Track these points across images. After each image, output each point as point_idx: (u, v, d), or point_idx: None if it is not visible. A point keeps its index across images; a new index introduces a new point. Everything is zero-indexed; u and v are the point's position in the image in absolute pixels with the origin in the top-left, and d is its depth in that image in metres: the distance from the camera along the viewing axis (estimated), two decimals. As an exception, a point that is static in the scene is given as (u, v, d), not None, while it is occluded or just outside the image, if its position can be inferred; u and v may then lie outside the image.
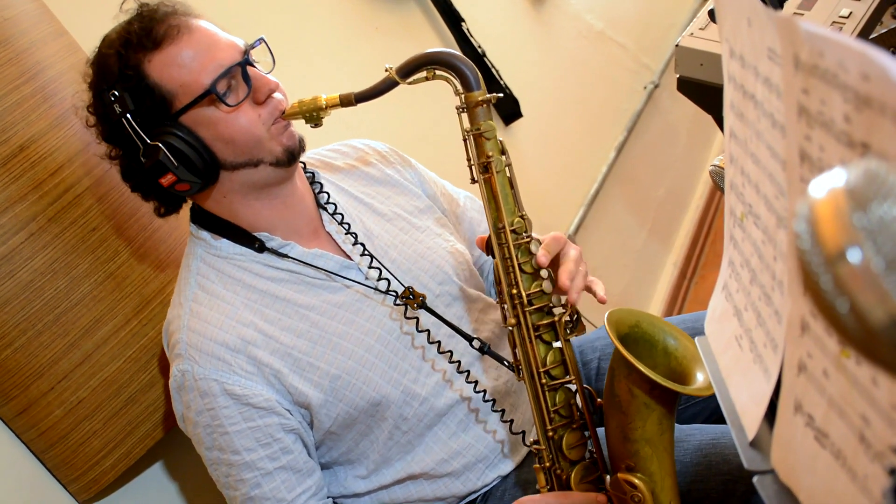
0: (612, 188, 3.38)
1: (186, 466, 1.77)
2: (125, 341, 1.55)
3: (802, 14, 1.77)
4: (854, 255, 0.45)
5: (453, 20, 2.63)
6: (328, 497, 1.51)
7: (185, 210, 1.54)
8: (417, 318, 1.51)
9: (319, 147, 1.70)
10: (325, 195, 1.57)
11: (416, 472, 1.53)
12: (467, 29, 2.63)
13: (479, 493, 1.58)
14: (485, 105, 1.38)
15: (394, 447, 1.52)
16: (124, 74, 1.35)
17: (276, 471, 1.42)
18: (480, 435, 1.56)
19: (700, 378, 1.28)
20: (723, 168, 1.61)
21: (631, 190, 3.54)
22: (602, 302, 1.46)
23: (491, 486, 1.58)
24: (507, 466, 1.59)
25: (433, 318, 1.52)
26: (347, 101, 1.42)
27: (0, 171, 1.41)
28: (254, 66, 1.42)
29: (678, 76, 1.85)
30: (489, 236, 1.42)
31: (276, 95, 1.42)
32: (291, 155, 1.43)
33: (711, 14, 1.81)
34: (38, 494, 1.53)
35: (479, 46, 2.63)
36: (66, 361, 1.48)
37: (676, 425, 1.38)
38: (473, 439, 1.55)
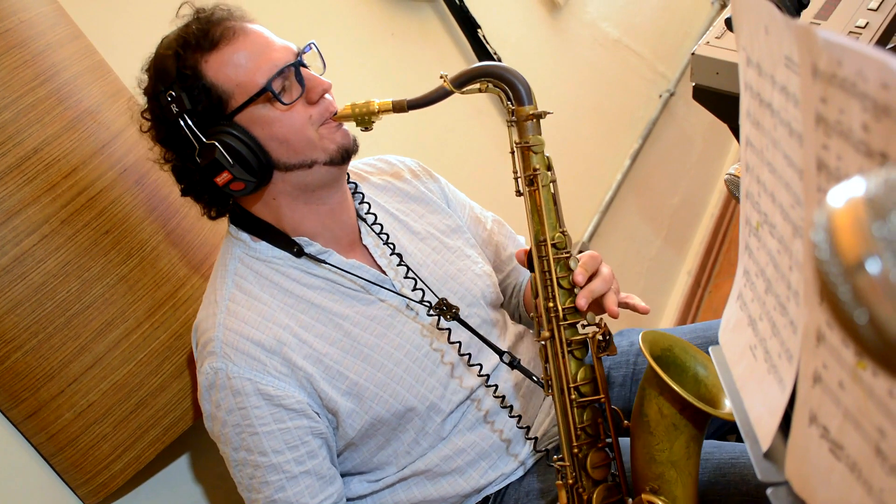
0: (627, 196, 3.37)
1: (196, 471, 1.77)
2: (136, 344, 1.55)
3: (819, 24, 1.76)
4: (873, 266, 0.44)
5: (470, 27, 2.63)
6: None
7: (201, 213, 1.54)
8: (449, 331, 1.52)
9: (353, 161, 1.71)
10: (367, 205, 1.59)
11: (421, 469, 1.54)
12: (483, 36, 2.63)
13: (483, 494, 1.58)
14: (534, 119, 1.41)
15: (406, 456, 1.53)
16: (182, 74, 1.39)
17: (301, 475, 1.42)
18: (486, 434, 1.57)
19: (728, 406, 1.27)
20: (738, 177, 1.61)
21: (646, 198, 3.53)
22: (645, 312, 1.52)
23: (497, 486, 1.58)
24: (510, 465, 1.58)
25: (463, 335, 1.53)
26: (400, 107, 1.45)
27: (14, 172, 1.41)
28: (307, 68, 1.45)
29: (694, 84, 1.85)
30: (530, 249, 1.43)
31: (328, 97, 1.45)
32: (346, 152, 1.46)
33: (728, 23, 1.80)
34: (47, 498, 1.53)
35: (495, 53, 2.63)
36: (77, 364, 1.48)
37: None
38: (479, 437, 1.56)
